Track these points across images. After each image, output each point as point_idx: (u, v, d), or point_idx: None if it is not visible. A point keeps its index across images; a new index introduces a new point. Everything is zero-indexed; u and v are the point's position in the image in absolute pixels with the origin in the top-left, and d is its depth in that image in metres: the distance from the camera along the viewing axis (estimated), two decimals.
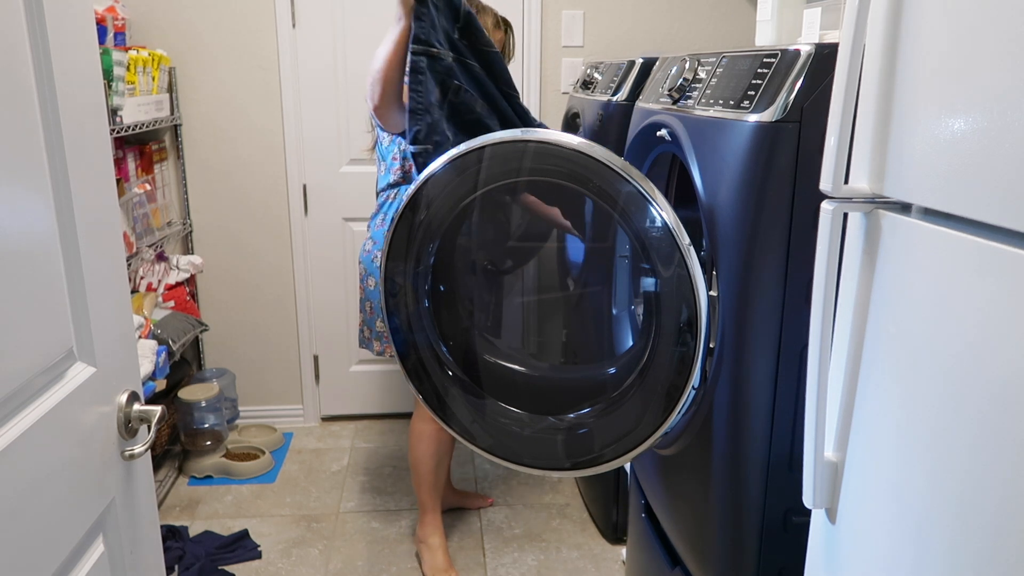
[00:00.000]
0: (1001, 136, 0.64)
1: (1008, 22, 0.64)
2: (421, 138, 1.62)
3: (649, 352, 1.40)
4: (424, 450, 2.12)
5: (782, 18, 1.70)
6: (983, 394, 0.67)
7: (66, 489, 0.80)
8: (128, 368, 0.96)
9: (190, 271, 2.66)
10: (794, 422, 1.22)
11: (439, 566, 2.13)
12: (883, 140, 0.81)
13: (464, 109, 1.65)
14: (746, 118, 1.14)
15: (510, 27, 2.18)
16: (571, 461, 1.53)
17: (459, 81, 1.63)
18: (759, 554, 1.28)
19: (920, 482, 0.76)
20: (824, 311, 0.88)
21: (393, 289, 1.57)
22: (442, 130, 1.63)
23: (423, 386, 1.61)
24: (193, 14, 2.64)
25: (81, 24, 0.86)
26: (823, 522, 0.96)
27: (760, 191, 1.14)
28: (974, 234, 0.68)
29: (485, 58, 1.67)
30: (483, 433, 1.60)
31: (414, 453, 2.15)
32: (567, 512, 2.46)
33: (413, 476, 2.18)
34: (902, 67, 0.78)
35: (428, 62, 1.60)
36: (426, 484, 2.15)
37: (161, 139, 2.70)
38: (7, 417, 0.72)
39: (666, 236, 1.30)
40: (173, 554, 2.15)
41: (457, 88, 1.63)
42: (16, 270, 0.72)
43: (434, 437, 2.11)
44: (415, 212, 1.52)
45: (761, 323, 1.19)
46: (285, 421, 3.03)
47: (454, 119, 1.65)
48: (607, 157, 1.35)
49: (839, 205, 0.84)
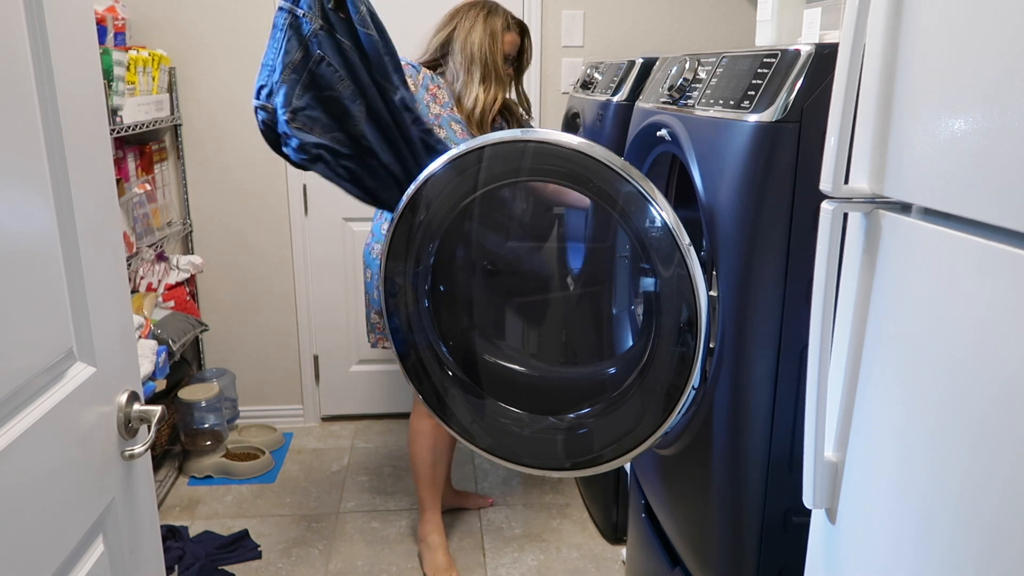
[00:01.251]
0: (1001, 136, 0.64)
1: (1008, 22, 0.64)
2: (264, 95, 1.60)
3: (649, 352, 1.40)
4: (422, 447, 2.13)
5: (782, 18, 1.70)
6: (983, 394, 0.67)
7: (66, 489, 0.80)
8: (128, 368, 0.96)
9: (190, 271, 2.66)
10: (794, 422, 1.22)
11: (440, 565, 2.13)
12: (883, 140, 0.81)
13: (323, 84, 1.58)
14: (746, 118, 1.14)
15: (526, 31, 2.13)
16: (571, 461, 1.53)
17: (322, 52, 1.56)
18: (759, 554, 1.28)
19: (920, 482, 0.76)
20: (824, 311, 0.88)
21: (393, 289, 1.57)
22: (293, 95, 1.57)
23: (423, 386, 1.61)
24: (193, 14, 2.64)
25: (81, 24, 0.86)
26: (823, 522, 0.96)
27: (760, 191, 1.14)
28: (974, 234, 0.68)
29: (357, 39, 1.59)
30: (483, 433, 1.60)
31: (412, 450, 2.15)
32: (567, 512, 2.46)
33: (413, 474, 2.19)
34: (902, 67, 0.78)
35: (289, 19, 1.57)
36: (425, 481, 2.16)
37: (161, 139, 2.70)
38: (7, 417, 0.72)
39: (666, 236, 1.30)
40: (173, 554, 2.15)
41: (320, 59, 1.57)
42: (16, 270, 0.72)
43: (432, 435, 2.12)
44: (415, 212, 1.52)
45: (761, 323, 1.19)
46: (285, 421, 3.03)
47: (312, 90, 1.58)
48: (607, 157, 1.35)
49: (839, 205, 0.84)
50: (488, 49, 2.03)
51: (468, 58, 2.04)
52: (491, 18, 2.05)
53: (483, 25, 2.04)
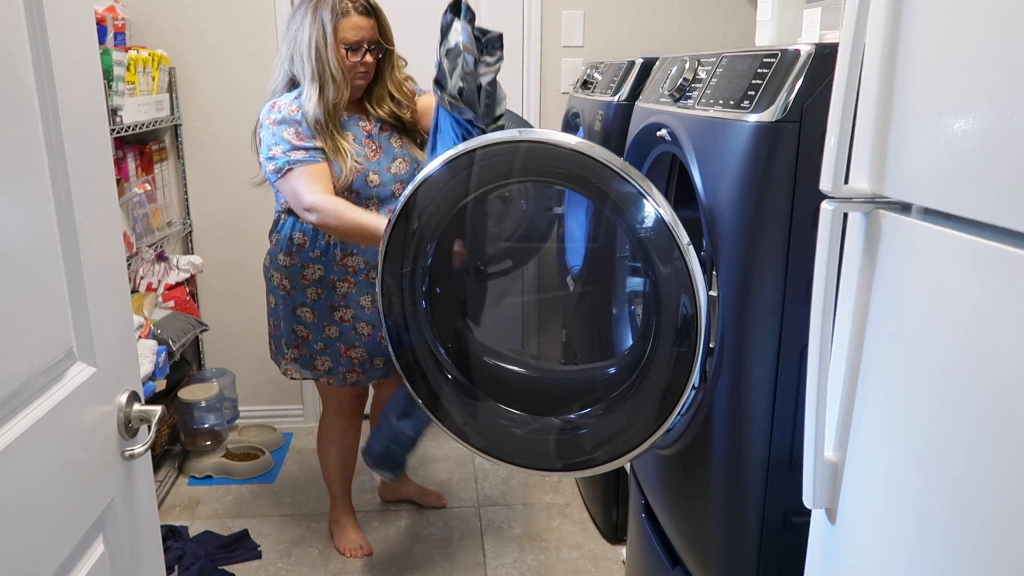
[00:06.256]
0: (1001, 136, 0.64)
1: (1008, 22, 0.64)
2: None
3: (649, 352, 1.40)
4: (331, 445, 2.23)
5: (782, 18, 1.70)
6: (983, 394, 0.67)
7: (66, 489, 0.80)
8: (128, 368, 0.96)
9: (190, 271, 2.66)
10: (794, 422, 1.22)
11: (354, 541, 2.24)
12: (883, 140, 0.81)
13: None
14: (746, 118, 1.14)
15: (374, 9, 1.88)
16: (563, 462, 1.53)
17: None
18: (759, 554, 1.28)
19: (920, 482, 0.76)
20: (824, 311, 0.88)
21: (386, 289, 1.57)
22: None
23: (418, 386, 1.61)
24: (193, 14, 2.64)
25: (81, 24, 0.86)
26: (823, 522, 0.96)
27: (760, 191, 1.14)
28: (974, 234, 0.68)
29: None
30: (476, 433, 1.60)
31: (324, 449, 2.24)
32: (567, 512, 2.46)
33: (323, 470, 2.28)
34: (902, 67, 0.78)
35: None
36: (335, 476, 2.26)
37: (161, 139, 2.70)
38: (7, 417, 0.72)
39: (665, 236, 1.30)
40: (173, 554, 2.14)
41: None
42: (16, 270, 0.72)
43: (341, 435, 2.21)
44: (411, 212, 1.52)
45: (761, 323, 1.19)
46: (285, 421, 3.03)
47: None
48: (606, 157, 1.35)
49: (839, 205, 0.84)
50: (320, 45, 1.78)
51: (301, 62, 1.82)
52: (319, 10, 1.79)
53: (311, 19, 1.80)
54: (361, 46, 1.83)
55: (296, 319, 2.01)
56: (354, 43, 1.82)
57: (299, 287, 1.97)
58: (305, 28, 1.80)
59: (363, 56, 1.84)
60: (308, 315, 2.00)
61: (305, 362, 2.06)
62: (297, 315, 2.01)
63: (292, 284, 1.98)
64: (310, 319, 2.00)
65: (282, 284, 1.99)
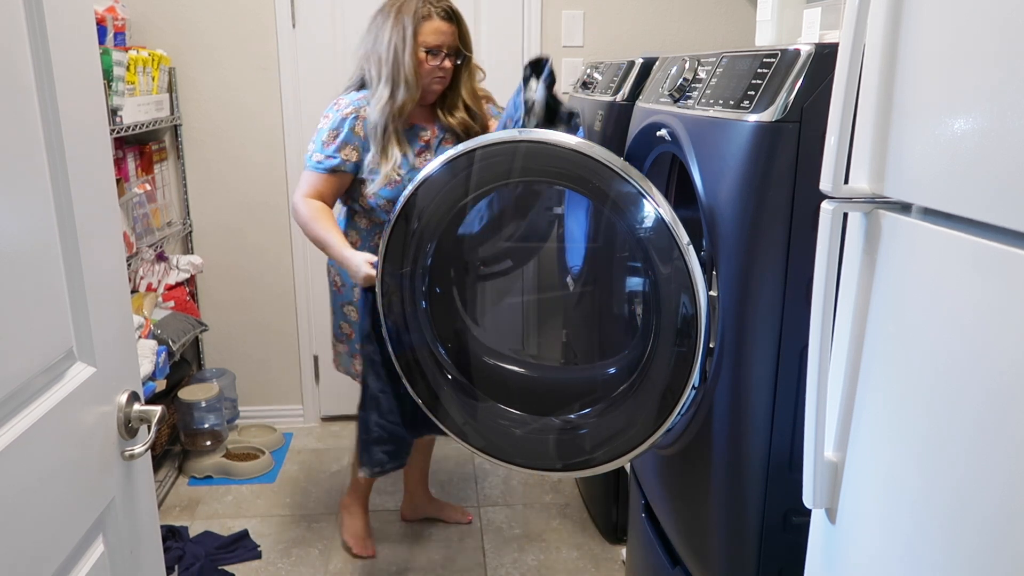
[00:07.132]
0: (1000, 136, 0.64)
1: (1007, 22, 0.64)
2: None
3: (649, 352, 1.40)
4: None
5: (782, 18, 1.71)
6: (983, 394, 0.67)
7: (66, 489, 0.80)
8: (128, 368, 0.96)
9: (190, 271, 2.66)
10: (794, 422, 1.22)
11: (359, 532, 2.23)
12: (883, 140, 0.81)
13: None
14: (746, 118, 1.14)
15: (455, 15, 1.92)
16: (563, 462, 1.53)
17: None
18: (759, 554, 1.28)
19: (920, 482, 0.76)
20: (824, 311, 0.88)
21: (386, 289, 1.57)
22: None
23: (417, 386, 1.61)
24: (193, 14, 2.64)
25: (81, 24, 0.86)
26: (823, 522, 0.96)
27: (760, 191, 1.14)
28: (974, 234, 0.68)
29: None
30: (475, 433, 1.60)
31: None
32: (567, 512, 2.46)
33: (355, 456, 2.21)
34: (902, 67, 0.78)
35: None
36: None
37: (161, 139, 2.70)
38: (7, 417, 0.72)
39: (665, 235, 1.30)
40: (173, 554, 2.14)
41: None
42: (16, 270, 0.72)
43: None
44: (411, 213, 1.52)
45: (761, 323, 1.19)
46: (285, 421, 3.03)
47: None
48: (606, 157, 1.35)
49: (839, 205, 0.84)
50: (398, 47, 1.80)
51: (377, 64, 1.83)
52: (402, 13, 1.80)
53: (393, 22, 1.81)
54: (441, 50, 1.84)
55: (342, 315, 2.05)
56: (434, 47, 1.83)
57: (347, 285, 1.99)
58: (386, 30, 1.83)
59: (442, 60, 1.85)
60: (353, 314, 2.01)
61: (346, 359, 2.09)
62: (343, 312, 2.04)
63: (342, 281, 2.01)
64: (354, 318, 2.01)
65: (334, 280, 2.04)
